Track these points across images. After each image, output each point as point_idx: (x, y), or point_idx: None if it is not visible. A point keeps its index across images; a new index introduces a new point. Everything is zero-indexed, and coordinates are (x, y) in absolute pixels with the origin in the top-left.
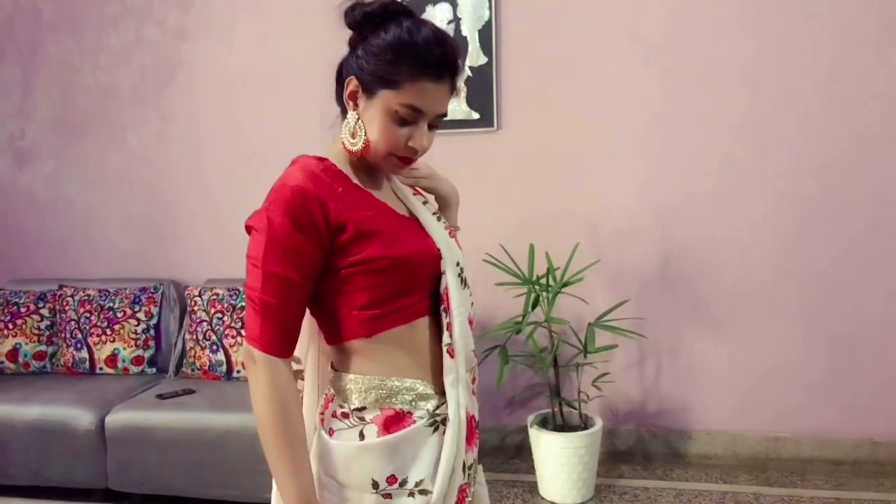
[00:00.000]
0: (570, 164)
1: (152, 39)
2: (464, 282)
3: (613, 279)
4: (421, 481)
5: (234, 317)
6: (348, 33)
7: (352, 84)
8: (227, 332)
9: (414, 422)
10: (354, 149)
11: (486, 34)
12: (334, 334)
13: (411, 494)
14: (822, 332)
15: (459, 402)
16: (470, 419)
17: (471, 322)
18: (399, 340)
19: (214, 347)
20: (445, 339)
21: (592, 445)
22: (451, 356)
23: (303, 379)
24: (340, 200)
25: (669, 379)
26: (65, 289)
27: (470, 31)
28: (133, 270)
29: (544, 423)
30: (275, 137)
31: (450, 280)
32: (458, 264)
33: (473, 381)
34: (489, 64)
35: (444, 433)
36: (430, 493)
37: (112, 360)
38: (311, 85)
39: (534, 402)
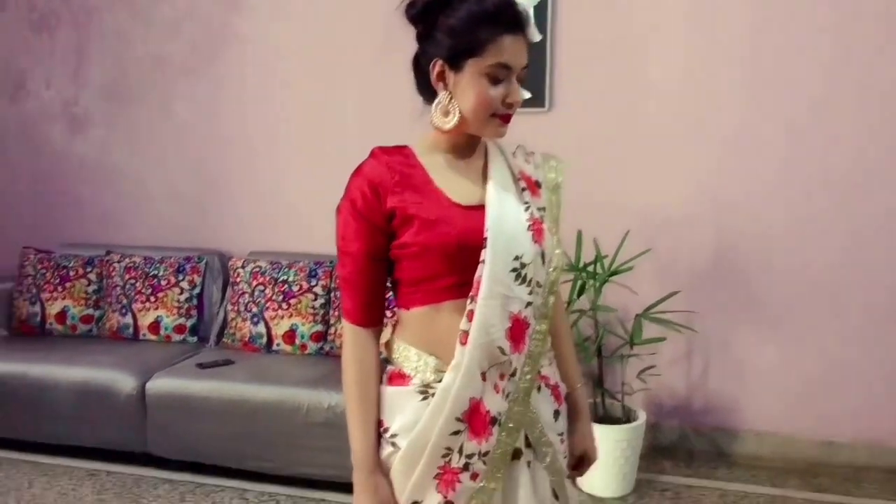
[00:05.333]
0: (622, 149)
1: (204, 11)
2: (521, 278)
3: (663, 270)
4: (395, 435)
5: (276, 290)
6: (401, 14)
7: (437, 66)
8: (268, 304)
9: (407, 385)
10: (448, 126)
11: (541, 11)
12: (397, 301)
13: (388, 443)
14: (882, 334)
15: (455, 384)
16: (478, 407)
17: (522, 323)
18: (425, 317)
19: (255, 319)
20: (462, 323)
21: (635, 439)
22: (462, 343)
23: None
24: (395, 188)
25: (718, 375)
26: (112, 255)
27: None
28: (178, 240)
29: None
30: (323, 115)
31: (488, 270)
32: (517, 258)
33: (502, 377)
34: (543, 42)
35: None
36: (400, 448)
37: (155, 327)
38: (363, 64)
39: None
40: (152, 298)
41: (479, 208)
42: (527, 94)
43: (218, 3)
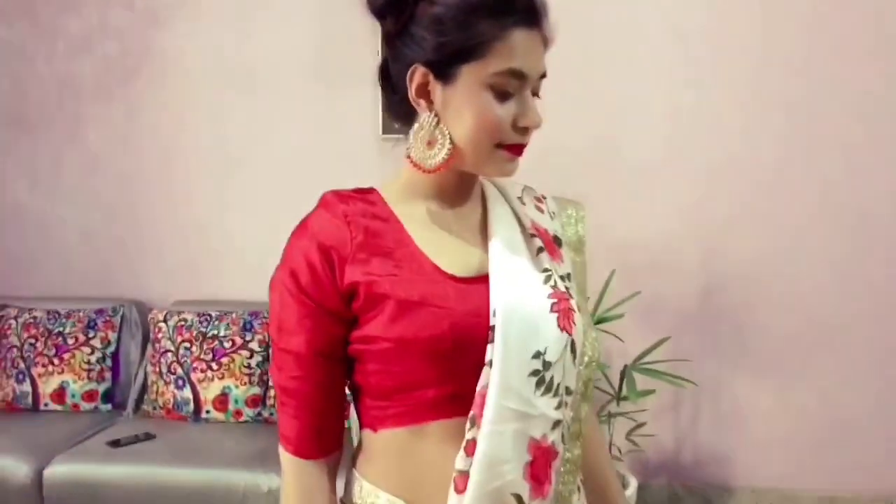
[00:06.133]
0: (599, 181)
1: (118, 24)
2: (546, 385)
3: (647, 314)
4: None
5: (204, 347)
6: (347, 22)
7: (417, 75)
8: (195, 364)
9: None
10: (435, 161)
11: None
12: (360, 419)
13: None
14: (888, 375)
15: None
16: None
17: (548, 452)
18: (401, 445)
19: (180, 382)
20: (459, 460)
21: None
22: (459, 490)
23: None
24: (357, 253)
25: (709, 427)
26: (7, 309)
27: None
28: (90, 289)
29: None
30: (257, 139)
31: (498, 376)
32: (538, 355)
33: None
34: None
35: None
36: None
37: (59, 395)
38: (301, 80)
39: None
40: (56, 361)
41: (481, 281)
42: (540, 118)
43: (134, 16)
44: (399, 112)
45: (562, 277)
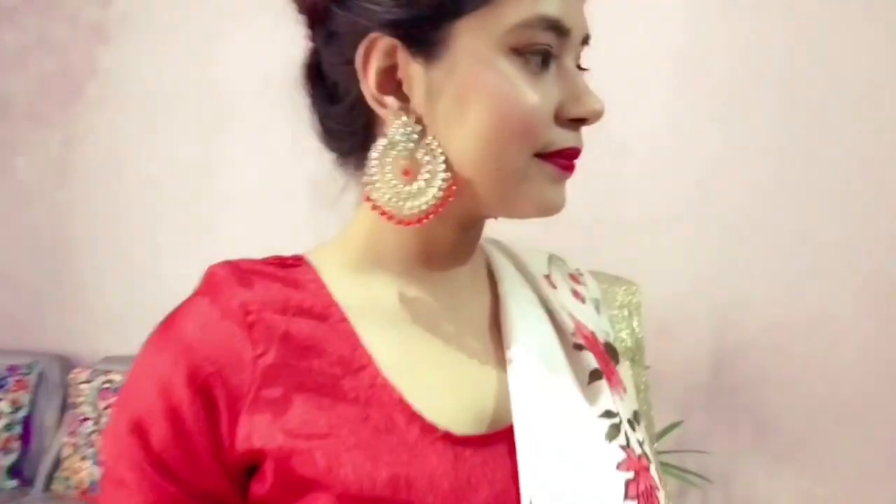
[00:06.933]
0: (592, 232)
1: (59, 39)
2: None
3: (652, 392)
4: None
5: None
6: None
7: (378, 50)
8: None
9: None
10: (419, 204)
11: None
12: None
13: None
14: None
15: None
16: None
17: None
18: None
19: (98, 457)
20: None
21: None
22: None
23: None
24: (265, 387)
25: None
26: None
27: None
28: (5, 340)
29: None
30: (211, 175)
31: None
32: None
33: None
34: None
35: None
36: None
37: None
38: (265, 111)
39: None
40: None
41: (498, 440)
42: (599, 104)
43: (78, 31)
44: (345, 130)
45: (630, 422)
